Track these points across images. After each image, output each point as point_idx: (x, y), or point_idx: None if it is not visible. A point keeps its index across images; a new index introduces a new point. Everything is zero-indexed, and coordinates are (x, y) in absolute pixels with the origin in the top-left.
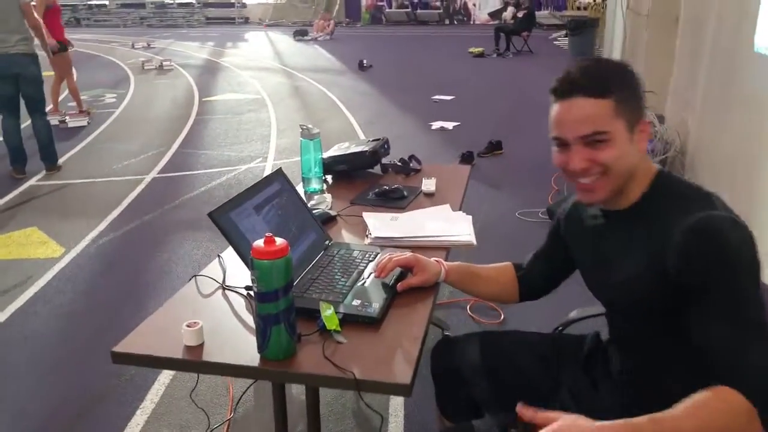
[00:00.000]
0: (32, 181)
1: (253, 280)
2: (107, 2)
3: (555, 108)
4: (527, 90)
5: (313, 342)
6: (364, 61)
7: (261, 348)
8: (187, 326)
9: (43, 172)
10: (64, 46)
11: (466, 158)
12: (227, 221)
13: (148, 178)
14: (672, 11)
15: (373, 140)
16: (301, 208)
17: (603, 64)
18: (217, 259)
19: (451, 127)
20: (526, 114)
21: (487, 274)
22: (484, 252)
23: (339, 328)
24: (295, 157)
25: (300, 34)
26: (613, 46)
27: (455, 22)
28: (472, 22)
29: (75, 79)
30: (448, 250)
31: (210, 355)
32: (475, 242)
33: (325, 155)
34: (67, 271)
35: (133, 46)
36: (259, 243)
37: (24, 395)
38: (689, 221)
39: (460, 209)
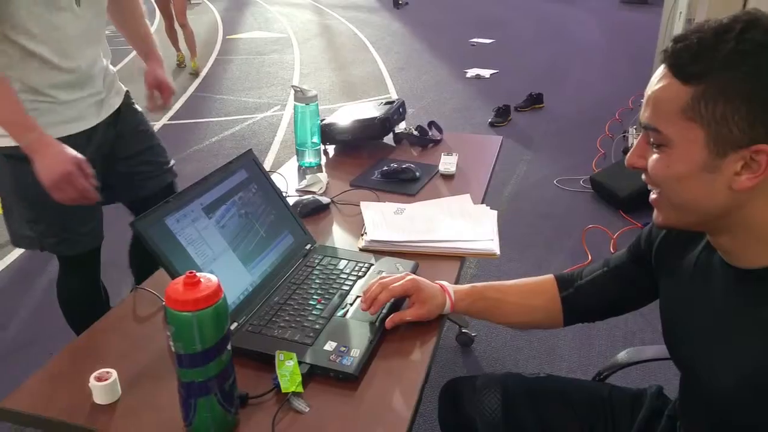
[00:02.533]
0: None
1: (168, 336)
2: None
3: None
4: (573, 35)
5: (265, 407)
6: None
7: (186, 423)
8: (96, 379)
9: None
10: None
11: (502, 113)
12: (160, 232)
13: (158, 125)
14: None
15: (387, 103)
16: (276, 201)
17: (733, 33)
18: None
19: (488, 75)
20: (573, 63)
21: (512, 297)
22: (515, 225)
23: (301, 389)
24: None
25: None
26: None
27: None
28: None
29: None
30: (463, 259)
31: (121, 422)
32: (498, 252)
33: (327, 120)
34: None
35: None
36: (177, 285)
37: None
38: None
39: (483, 200)
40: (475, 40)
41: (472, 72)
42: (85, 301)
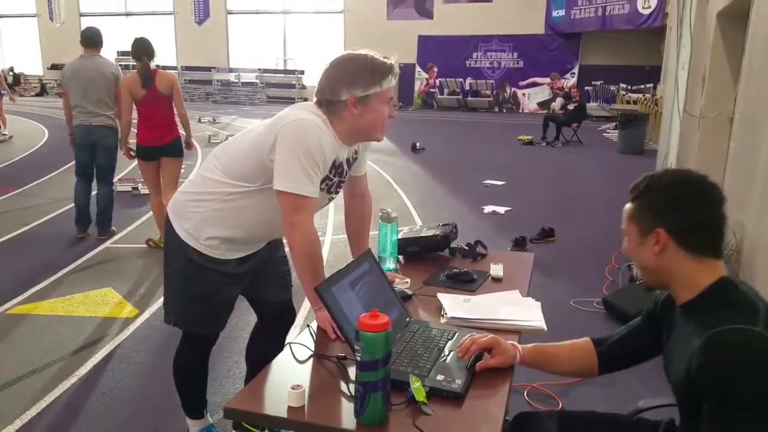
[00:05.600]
0: (107, 244)
1: (356, 350)
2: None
3: None
4: (578, 180)
5: (402, 412)
6: (417, 144)
7: (358, 413)
8: (292, 388)
9: (120, 234)
10: None
11: (519, 243)
12: (330, 295)
13: None
14: (725, 112)
15: (443, 225)
16: (386, 286)
17: (666, 174)
18: (306, 328)
19: (502, 212)
20: (578, 203)
21: (563, 352)
22: (540, 339)
23: (426, 401)
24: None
25: None
26: (670, 145)
27: (504, 111)
28: (521, 111)
29: None
30: (520, 333)
31: (312, 416)
32: (545, 328)
33: (399, 236)
34: (141, 331)
35: (199, 121)
36: (366, 316)
37: None
38: (709, 333)
39: (528, 295)
40: (488, 181)
41: (488, 208)
42: (193, 371)
